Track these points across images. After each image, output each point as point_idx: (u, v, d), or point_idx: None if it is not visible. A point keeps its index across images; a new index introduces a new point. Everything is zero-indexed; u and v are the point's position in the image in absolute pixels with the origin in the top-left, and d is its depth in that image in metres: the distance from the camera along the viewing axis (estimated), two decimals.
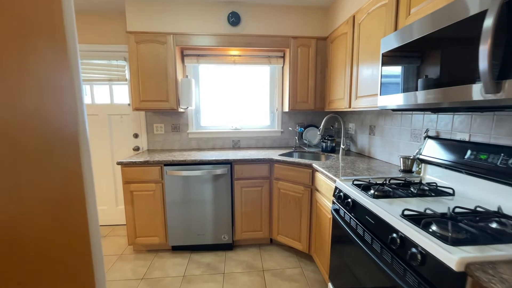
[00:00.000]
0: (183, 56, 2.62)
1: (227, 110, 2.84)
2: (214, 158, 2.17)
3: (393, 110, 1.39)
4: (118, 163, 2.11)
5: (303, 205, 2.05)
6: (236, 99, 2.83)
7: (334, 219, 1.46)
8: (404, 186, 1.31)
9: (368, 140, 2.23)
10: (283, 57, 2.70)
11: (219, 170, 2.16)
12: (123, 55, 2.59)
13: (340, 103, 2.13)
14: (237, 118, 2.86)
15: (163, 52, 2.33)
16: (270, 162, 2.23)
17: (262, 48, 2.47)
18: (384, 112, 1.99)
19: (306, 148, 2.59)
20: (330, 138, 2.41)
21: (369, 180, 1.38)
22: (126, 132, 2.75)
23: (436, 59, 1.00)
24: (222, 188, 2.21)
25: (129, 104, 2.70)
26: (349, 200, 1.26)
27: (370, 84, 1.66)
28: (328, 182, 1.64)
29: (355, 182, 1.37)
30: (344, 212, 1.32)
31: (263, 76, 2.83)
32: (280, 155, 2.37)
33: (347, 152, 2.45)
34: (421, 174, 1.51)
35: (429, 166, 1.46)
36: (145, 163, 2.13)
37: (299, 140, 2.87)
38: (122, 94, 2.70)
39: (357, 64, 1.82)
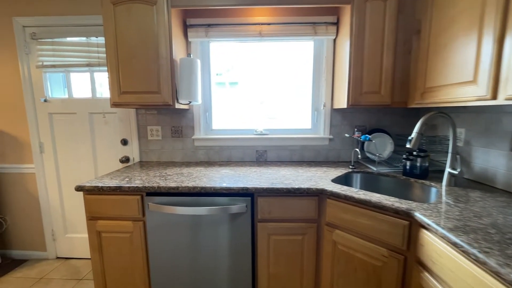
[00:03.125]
0: (185, 27, 1.80)
1: (249, 107, 1.97)
2: (224, 185, 1.31)
3: None
4: (78, 189, 1.35)
5: (385, 283, 1.09)
6: (262, 91, 1.95)
7: None
8: None
9: (507, 162, 1.19)
10: (337, 23, 1.74)
11: (234, 207, 1.29)
12: None
13: (460, 91, 1.12)
14: (264, 118, 1.98)
15: (152, 19, 1.52)
16: (319, 194, 1.30)
17: (303, 5, 1.54)
18: None
19: (374, 168, 1.60)
20: (421, 154, 1.41)
21: None
22: (112, 136, 2.01)
23: None
24: (237, 234, 1.34)
25: None
26: None
27: None
28: (484, 279, 0.68)
29: None
30: None
31: (303, 56, 1.90)
32: (334, 180, 1.42)
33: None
34: None
35: None
36: (117, 190, 1.34)
37: (355, 153, 1.89)
38: (107, 85, 1.97)
39: None
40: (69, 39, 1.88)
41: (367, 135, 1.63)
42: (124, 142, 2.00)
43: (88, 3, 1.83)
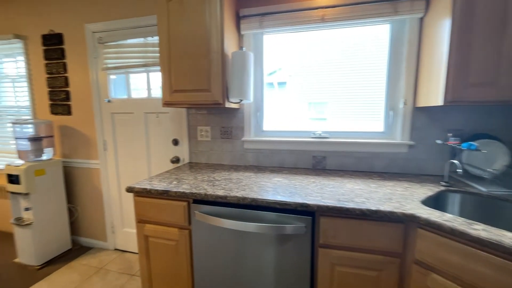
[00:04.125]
0: (238, 20, 1.65)
1: (305, 106, 1.72)
2: (279, 199, 1.09)
3: None
4: (128, 190, 1.32)
5: None
6: (321, 88, 1.67)
7: None
8: None
9: None
10: None
11: (291, 227, 1.06)
12: None
13: None
14: (323, 119, 1.70)
15: (204, 10, 1.41)
16: (406, 221, 0.97)
17: None
18: None
19: (481, 188, 1.17)
20: None
21: None
22: (164, 136, 2.01)
23: None
24: (292, 258, 1.11)
25: None
26: None
27: None
28: None
29: None
30: None
31: (375, 43, 1.55)
32: (425, 202, 1.07)
33: None
34: None
35: None
36: (164, 194, 1.26)
37: (451, 166, 1.44)
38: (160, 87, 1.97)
39: None
40: (129, 41, 1.94)
41: (471, 142, 1.20)
42: (175, 142, 1.97)
43: (147, 4, 1.85)
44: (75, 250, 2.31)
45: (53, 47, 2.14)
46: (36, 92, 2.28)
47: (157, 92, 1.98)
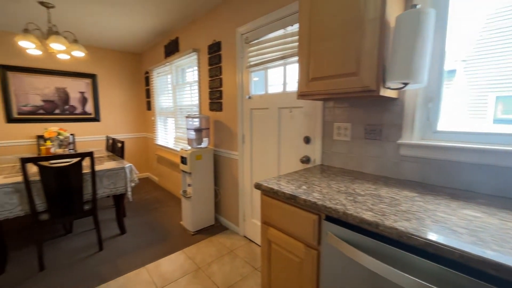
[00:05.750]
0: None
1: (489, 101, 0.96)
2: (494, 258, 0.58)
3: None
4: (256, 186, 1.25)
5: None
6: None
7: None
8: None
9: None
10: None
11: None
12: None
13: None
14: None
15: None
16: None
17: None
18: None
19: None
20: None
21: None
22: (296, 133, 1.86)
23: None
24: None
25: None
26: None
27: None
28: None
29: None
30: None
31: None
32: None
33: None
34: None
35: None
36: (291, 200, 1.06)
37: None
38: (296, 78, 1.82)
39: None
40: (269, 35, 1.93)
41: None
42: (307, 140, 1.76)
43: None
44: (216, 227, 2.70)
45: (214, 54, 2.55)
46: (202, 93, 2.84)
47: (292, 86, 1.85)
